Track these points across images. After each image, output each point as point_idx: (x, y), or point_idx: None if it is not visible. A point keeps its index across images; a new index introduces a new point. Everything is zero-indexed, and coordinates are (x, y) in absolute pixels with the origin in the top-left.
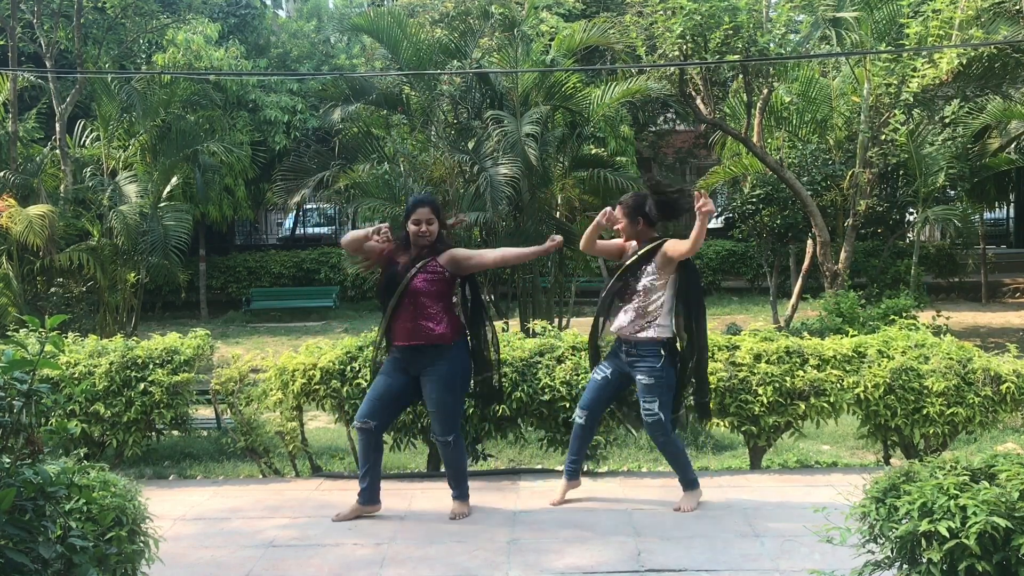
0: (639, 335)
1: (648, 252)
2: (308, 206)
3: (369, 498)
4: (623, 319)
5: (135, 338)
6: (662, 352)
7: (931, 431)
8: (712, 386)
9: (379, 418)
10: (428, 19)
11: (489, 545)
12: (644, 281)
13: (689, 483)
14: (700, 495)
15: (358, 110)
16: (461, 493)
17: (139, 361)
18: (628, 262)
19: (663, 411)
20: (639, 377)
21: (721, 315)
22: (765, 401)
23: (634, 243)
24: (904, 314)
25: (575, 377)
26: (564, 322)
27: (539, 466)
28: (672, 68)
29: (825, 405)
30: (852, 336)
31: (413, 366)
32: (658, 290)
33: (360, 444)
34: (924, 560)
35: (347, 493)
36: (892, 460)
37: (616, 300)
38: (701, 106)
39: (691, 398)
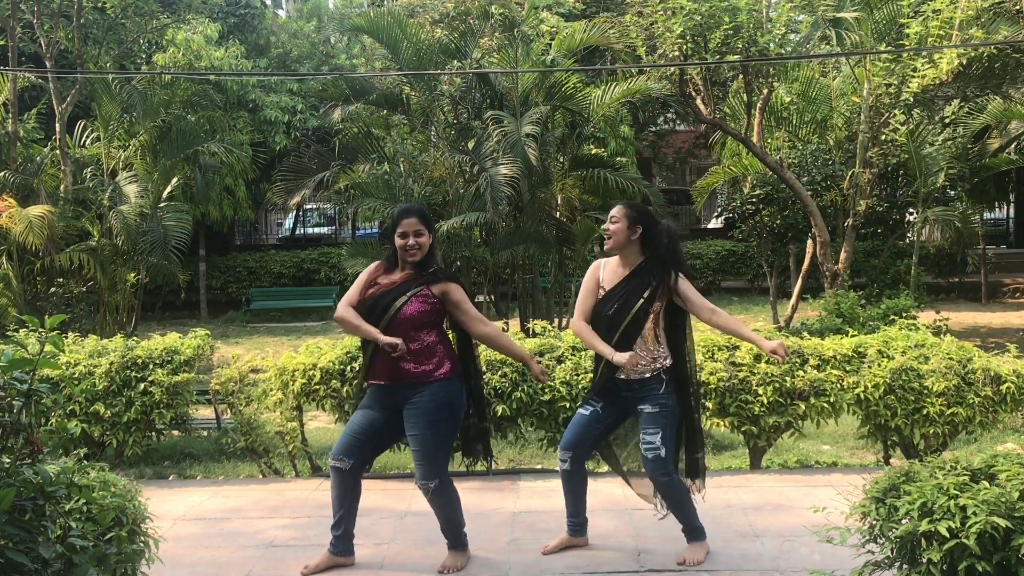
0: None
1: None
2: (308, 206)
3: (343, 548)
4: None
5: (135, 338)
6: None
7: (931, 431)
8: (712, 386)
9: (356, 456)
10: (428, 19)
11: (489, 545)
12: (654, 305)
13: (694, 531)
14: (707, 547)
15: (358, 110)
16: (457, 543)
17: (139, 361)
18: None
19: (666, 445)
20: (644, 407)
21: None
22: (765, 401)
23: (611, 262)
24: (904, 314)
25: (575, 377)
26: (564, 322)
27: (539, 466)
28: (672, 68)
29: (825, 405)
30: (852, 336)
31: (395, 399)
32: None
33: (334, 485)
34: (924, 560)
35: None
36: (892, 460)
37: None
38: (701, 106)
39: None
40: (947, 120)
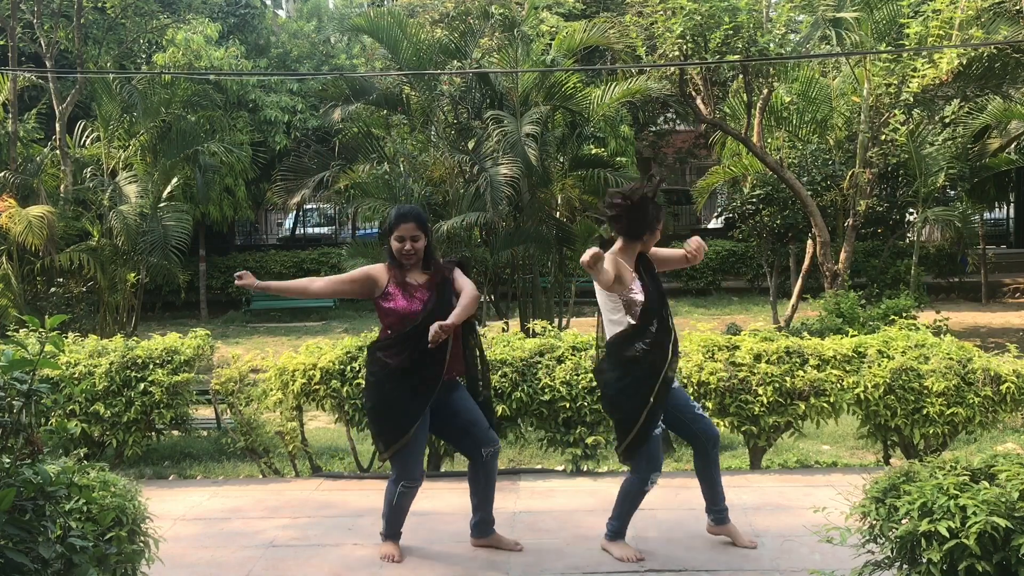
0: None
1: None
2: (308, 206)
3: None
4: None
5: (135, 338)
6: None
7: (931, 431)
8: (713, 386)
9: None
10: (428, 19)
11: None
12: None
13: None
14: None
15: (358, 110)
16: (491, 521)
17: (139, 361)
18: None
19: None
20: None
21: (721, 315)
22: (765, 401)
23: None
24: (904, 314)
25: (575, 377)
26: (564, 322)
27: (539, 466)
28: (672, 68)
29: (825, 405)
30: (852, 336)
31: (442, 392)
32: None
33: (405, 503)
34: (924, 560)
35: (347, 493)
36: (892, 460)
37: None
38: (701, 106)
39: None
40: (947, 120)
